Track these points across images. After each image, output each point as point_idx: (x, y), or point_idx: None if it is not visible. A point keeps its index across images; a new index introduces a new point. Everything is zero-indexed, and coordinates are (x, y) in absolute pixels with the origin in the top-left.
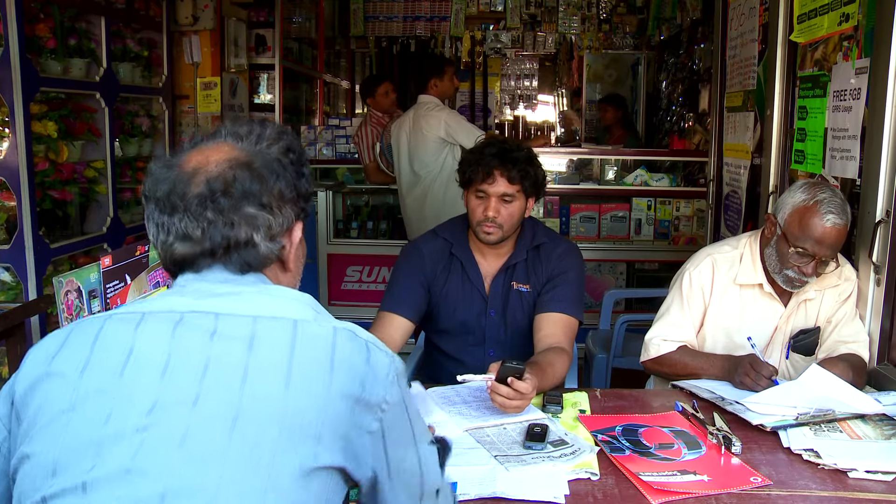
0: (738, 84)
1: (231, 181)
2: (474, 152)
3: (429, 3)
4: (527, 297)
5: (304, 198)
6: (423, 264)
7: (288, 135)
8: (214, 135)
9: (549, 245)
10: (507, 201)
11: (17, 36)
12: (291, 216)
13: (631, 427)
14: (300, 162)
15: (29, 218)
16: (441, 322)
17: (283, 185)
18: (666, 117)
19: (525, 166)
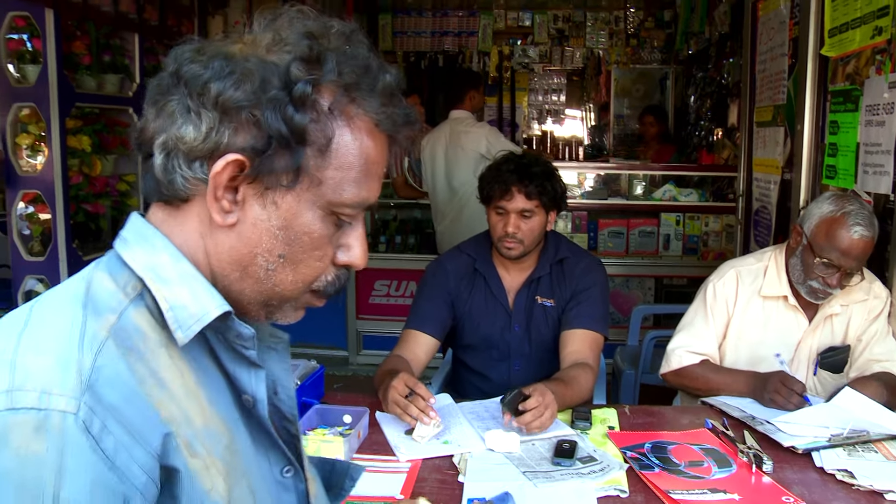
0: (767, 98)
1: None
2: (492, 169)
3: (457, 19)
4: (551, 311)
5: (287, 137)
6: (448, 281)
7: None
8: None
9: (572, 260)
10: (527, 217)
11: (55, 53)
12: (248, 141)
13: (660, 444)
14: (301, 100)
15: (63, 230)
16: (466, 337)
17: (240, 94)
18: (694, 132)
19: (543, 181)
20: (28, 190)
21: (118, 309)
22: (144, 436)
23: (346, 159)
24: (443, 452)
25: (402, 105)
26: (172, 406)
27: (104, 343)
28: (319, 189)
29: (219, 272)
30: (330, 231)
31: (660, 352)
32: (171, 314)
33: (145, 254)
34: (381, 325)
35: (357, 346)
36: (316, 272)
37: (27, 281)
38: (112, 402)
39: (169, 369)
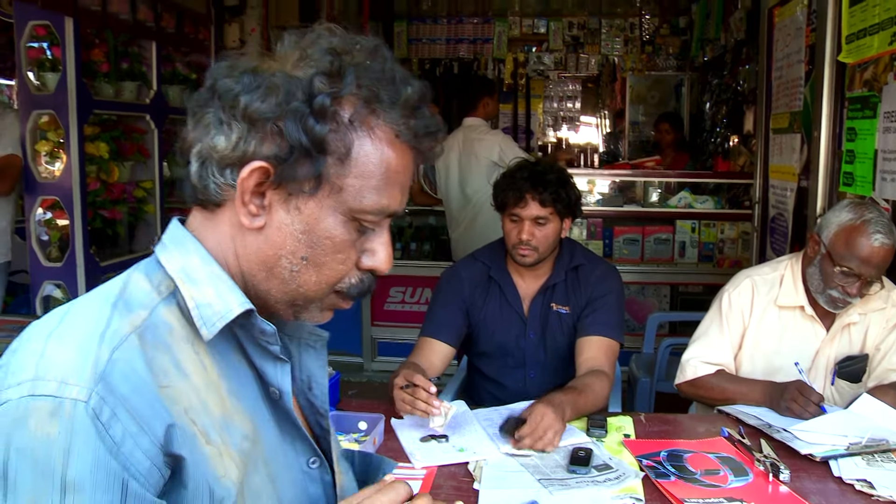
0: (784, 105)
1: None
2: (506, 176)
3: (472, 26)
4: (566, 318)
5: (308, 146)
6: (462, 289)
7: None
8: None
9: (587, 267)
10: (541, 224)
11: (74, 61)
12: (273, 150)
13: (676, 452)
14: (322, 111)
15: (81, 236)
16: (481, 345)
17: (264, 105)
18: (710, 139)
19: (557, 188)
20: (46, 196)
21: (150, 306)
22: (150, 426)
23: (366, 168)
24: (458, 459)
25: (424, 117)
26: (192, 396)
27: (126, 338)
28: (340, 196)
29: (247, 273)
30: (352, 236)
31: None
32: (197, 312)
33: (179, 256)
34: (395, 332)
35: (372, 352)
36: (339, 274)
37: (45, 286)
38: (123, 393)
39: (192, 362)
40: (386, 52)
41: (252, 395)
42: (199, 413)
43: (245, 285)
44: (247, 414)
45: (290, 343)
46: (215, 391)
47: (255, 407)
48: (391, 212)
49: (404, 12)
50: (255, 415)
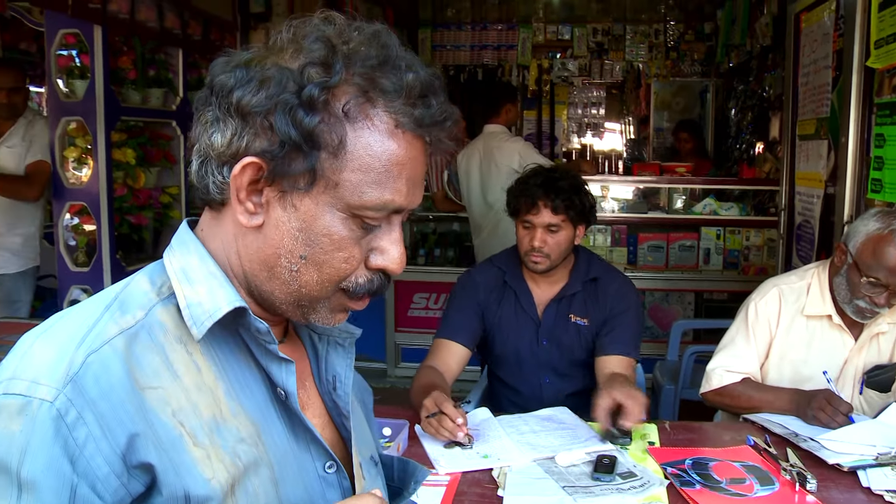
0: (810, 111)
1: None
2: (519, 182)
3: (496, 32)
4: (584, 330)
5: (297, 140)
6: (477, 292)
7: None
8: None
9: (605, 280)
10: (554, 231)
11: (102, 68)
12: (263, 144)
13: (701, 460)
14: (311, 104)
15: (107, 242)
16: (496, 349)
17: (256, 98)
18: (735, 145)
19: (570, 195)
20: (74, 202)
21: (147, 306)
22: (113, 432)
23: (363, 161)
24: (482, 466)
25: (431, 104)
26: (182, 397)
27: (108, 341)
28: (337, 191)
29: (249, 273)
30: (354, 233)
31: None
32: (188, 311)
33: (181, 257)
34: (419, 338)
35: (395, 358)
36: (342, 273)
37: (72, 290)
38: (93, 396)
39: (184, 363)
40: (388, 37)
41: (258, 397)
42: (189, 415)
43: (249, 286)
44: (249, 416)
45: (319, 341)
46: (208, 392)
47: (262, 408)
48: (396, 207)
49: (429, 19)
50: (260, 416)
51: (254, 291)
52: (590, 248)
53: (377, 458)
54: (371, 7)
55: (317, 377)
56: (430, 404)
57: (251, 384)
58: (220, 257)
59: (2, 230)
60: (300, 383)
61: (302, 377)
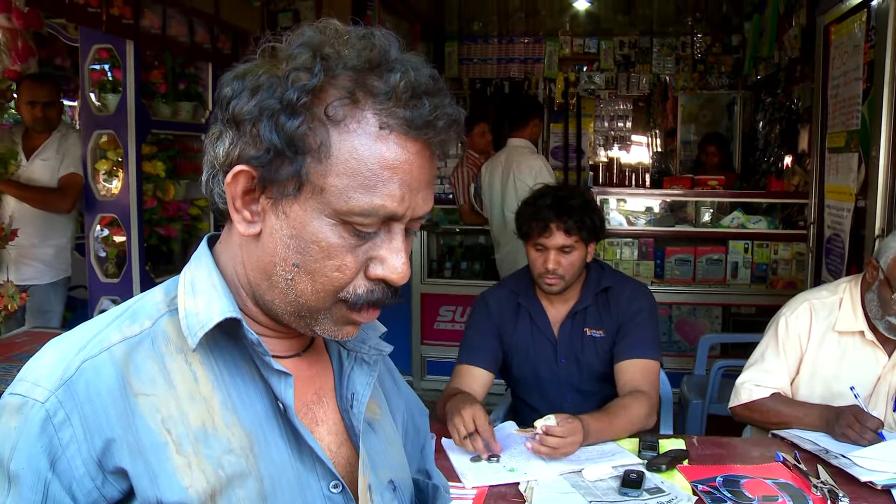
0: (840, 124)
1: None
2: (529, 204)
3: (523, 46)
4: (601, 342)
5: (279, 145)
6: (491, 316)
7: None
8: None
9: (616, 288)
10: (567, 252)
11: (133, 82)
12: (254, 151)
13: (733, 478)
14: (291, 108)
15: (137, 253)
16: (515, 371)
17: (249, 106)
18: (763, 158)
19: (582, 215)
20: (105, 214)
21: (155, 317)
22: (93, 436)
23: (349, 165)
24: (509, 480)
25: (421, 105)
26: (173, 405)
27: (107, 348)
28: (323, 197)
29: (253, 283)
30: (346, 241)
31: (727, 382)
32: (185, 322)
33: (193, 269)
34: (445, 351)
35: (421, 371)
36: (337, 283)
37: (102, 301)
38: (82, 399)
39: (181, 372)
40: (382, 39)
41: (258, 409)
42: (177, 423)
43: (254, 296)
44: (244, 427)
45: (347, 357)
46: (202, 402)
47: (261, 421)
48: (389, 213)
49: (455, 32)
50: (257, 429)
51: (259, 302)
52: (616, 261)
53: (401, 484)
54: (398, 21)
55: (338, 393)
56: (468, 418)
57: (252, 396)
58: (228, 269)
59: (35, 241)
60: (317, 398)
61: (321, 392)
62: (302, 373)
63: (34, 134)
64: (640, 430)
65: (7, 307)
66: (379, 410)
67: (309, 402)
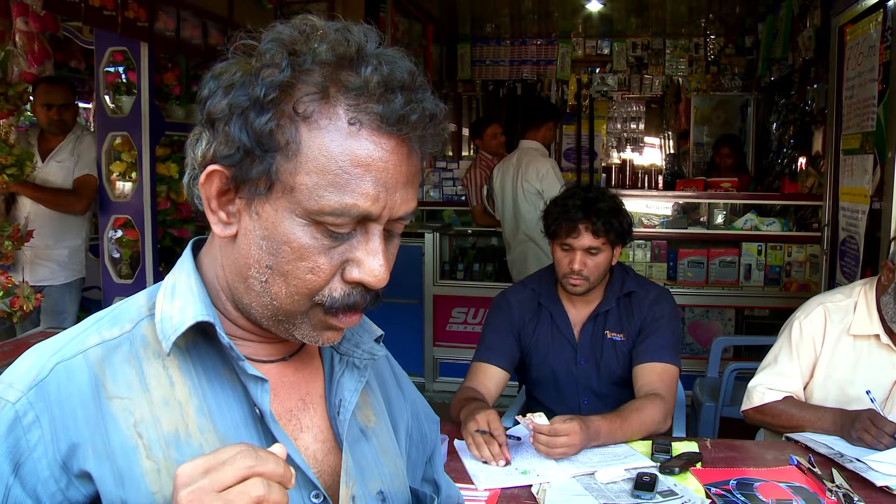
0: (855, 125)
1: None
2: (558, 204)
3: (535, 47)
4: (621, 346)
5: (248, 143)
6: (512, 314)
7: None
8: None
9: (640, 293)
10: (593, 254)
11: (148, 84)
12: (222, 149)
13: (746, 481)
14: (260, 104)
15: (151, 254)
16: (533, 372)
17: (223, 103)
18: (777, 160)
19: (609, 217)
20: (119, 215)
21: (136, 320)
22: (59, 438)
23: (319, 162)
24: (521, 482)
25: (393, 100)
26: (146, 409)
27: (83, 351)
28: (294, 196)
29: (232, 285)
30: (319, 242)
31: (740, 384)
32: (160, 326)
33: (176, 273)
34: (457, 353)
35: (434, 372)
36: (310, 285)
37: (116, 302)
38: (52, 401)
39: (157, 377)
40: (356, 33)
41: (236, 415)
42: (149, 427)
43: (233, 299)
44: (219, 433)
45: (339, 362)
46: (177, 407)
47: (238, 427)
48: (361, 213)
49: (468, 34)
50: (233, 435)
51: (238, 305)
52: (629, 263)
53: (392, 495)
54: (411, 23)
55: (327, 399)
56: (482, 421)
57: (231, 402)
58: (210, 273)
59: (49, 242)
60: (303, 404)
61: (308, 398)
62: (287, 378)
63: (49, 136)
64: (654, 433)
65: (22, 308)
66: (375, 417)
67: (293, 408)
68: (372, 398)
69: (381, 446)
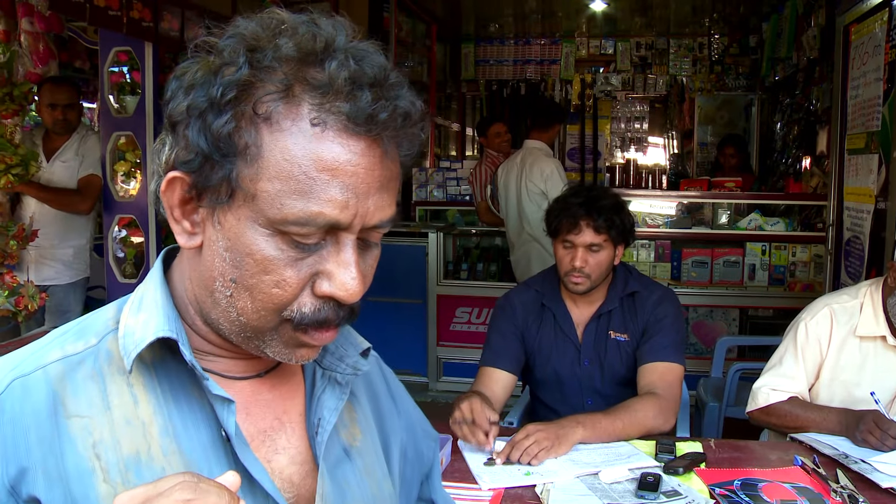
0: (860, 125)
1: None
2: (560, 201)
3: (539, 47)
4: (625, 346)
5: (205, 148)
6: (515, 316)
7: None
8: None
9: (643, 293)
10: (595, 251)
11: (152, 84)
12: (186, 154)
13: (750, 481)
14: (218, 104)
15: (155, 254)
16: (537, 372)
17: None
18: (781, 160)
19: (611, 215)
20: (123, 214)
21: (102, 334)
22: (7, 460)
23: (281, 167)
24: (525, 482)
25: (360, 98)
26: (106, 430)
27: (41, 367)
28: (255, 204)
29: (199, 298)
30: (284, 254)
31: (744, 384)
32: (122, 341)
33: (145, 284)
34: (461, 352)
35: (437, 372)
36: (277, 300)
37: None
38: (5, 420)
39: (120, 395)
40: (325, 27)
41: (203, 436)
42: (108, 448)
43: (201, 313)
44: (184, 456)
45: (321, 378)
46: (139, 427)
47: (205, 449)
48: (328, 221)
49: (472, 34)
50: (199, 458)
51: (207, 320)
52: (633, 263)
53: None
54: (415, 23)
55: (308, 418)
56: (465, 409)
57: (198, 422)
58: (179, 285)
59: (54, 242)
60: (279, 424)
61: (285, 417)
62: (261, 395)
63: (54, 136)
64: (653, 432)
65: (27, 307)
66: (361, 436)
67: (268, 428)
68: (359, 414)
69: (367, 467)
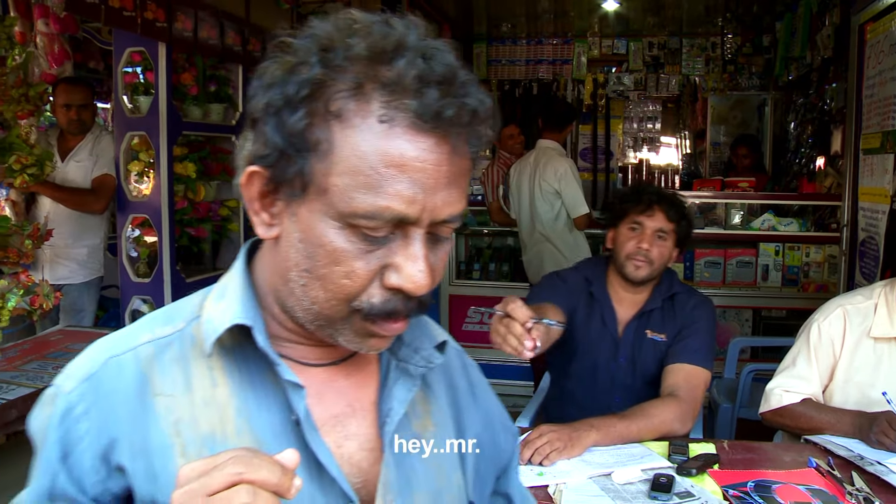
0: (876, 125)
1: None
2: (630, 190)
3: (551, 47)
4: (661, 346)
5: (280, 143)
6: (568, 288)
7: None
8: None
9: (683, 297)
10: (661, 238)
11: (165, 84)
12: (264, 150)
13: (764, 483)
14: (293, 100)
15: (168, 253)
16: (572, 363)
17: (265, 100)
18: (794, 160)
19: (682, 210)
20: (137, 214)
21: (188, 319)
22: (102, 431)
23: (351, 163)
24: (538, 482)
25: (428, 95)
26: (187, 409)
27: (134, 347)
28: (327, 197)
29: (277, 287)
30: (355, 246)
31: (757, 385)
32: (203, 327)
33: (230, 274)
34: (473, 353)
35: None
36: (347, 290)
37: (134, 301)
38: (101, 395)
39: (202, 377)
40: (397, 26)
41: (275, 419)
42: (188, 427)
43: (279, 301)
44: (255, 436)
45: (395, 369)
46: (217, 408)
47: (276, 432)
48: (396, 215)
49: (484, 34)
50: (270, 439)
51: (284, 308)
52: None
53: None
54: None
55: (380, 407)
56: (500, 306)
57: (271, 406)
58: (259, 275)
59: (68, 241)
60: (351, 411)
61: (358, 405)
62: (336, 382)
63: (69, 136)
64: (670, 434)
65: (42, 306)
66: (433, 428)
67: (340, 414)
68: (434, 406)
69: (436, 459)
